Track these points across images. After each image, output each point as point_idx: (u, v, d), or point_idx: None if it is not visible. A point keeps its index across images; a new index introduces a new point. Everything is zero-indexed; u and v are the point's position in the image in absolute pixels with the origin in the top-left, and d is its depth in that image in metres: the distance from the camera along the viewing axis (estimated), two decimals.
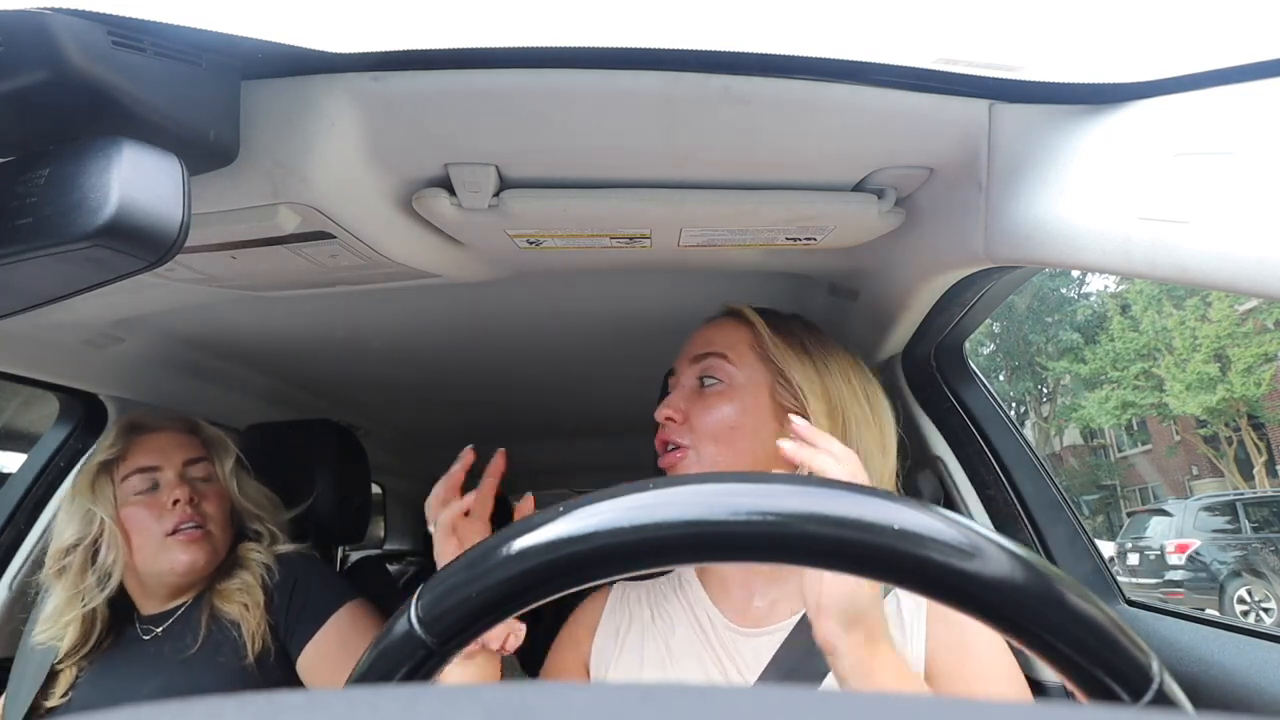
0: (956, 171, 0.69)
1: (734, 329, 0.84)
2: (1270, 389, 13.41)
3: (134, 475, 1.05)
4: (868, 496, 0.30)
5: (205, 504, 1.08)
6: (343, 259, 0.80)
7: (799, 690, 0.15)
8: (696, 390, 0.81)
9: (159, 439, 1.10)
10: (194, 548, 1.04)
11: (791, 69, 0.57)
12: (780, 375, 0.79)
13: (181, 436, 1.12)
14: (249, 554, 1.12)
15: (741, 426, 0.78)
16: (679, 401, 0.82)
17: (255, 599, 1.06)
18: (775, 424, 0.78)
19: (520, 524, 0.33)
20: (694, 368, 0.82)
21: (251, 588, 1.07)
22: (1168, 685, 0.29)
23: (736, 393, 0.79)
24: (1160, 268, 0.49)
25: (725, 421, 0.78)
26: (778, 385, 0.79)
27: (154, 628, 1.07)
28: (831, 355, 0.82)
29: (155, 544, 1.03)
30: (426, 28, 0.54)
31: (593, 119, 0.61)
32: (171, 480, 1.06)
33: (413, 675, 0.34)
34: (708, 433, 0.78)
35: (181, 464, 1.09)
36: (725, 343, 0.82)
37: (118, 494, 1.04)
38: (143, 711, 0.15)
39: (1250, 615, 7.95)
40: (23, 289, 0.50)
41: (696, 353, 0.83)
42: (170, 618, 1.07)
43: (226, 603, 1.06)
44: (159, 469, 1.07)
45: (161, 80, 0.47)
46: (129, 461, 1.06)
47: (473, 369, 1.54)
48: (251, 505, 1.16)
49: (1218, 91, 0.48)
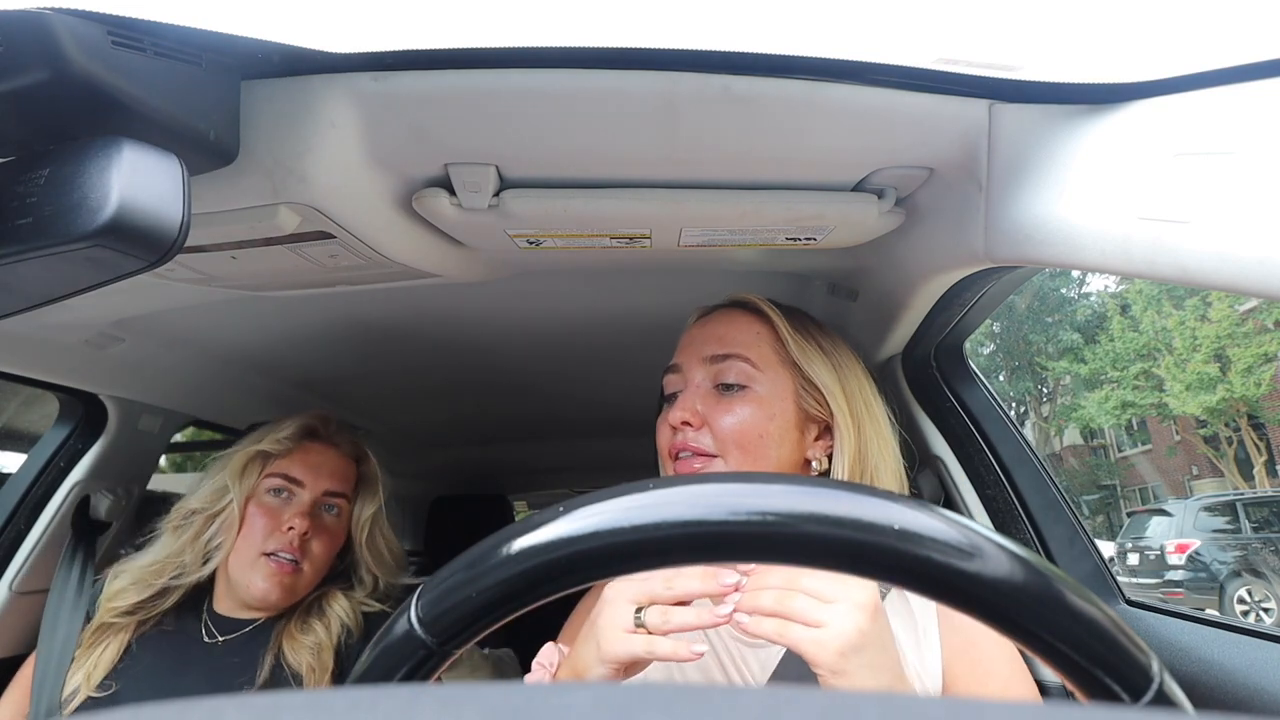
0: (956, 171, 0.69)
1: (749, 325, 0.80)
2: (1270, 389, 13.41)
3: (277, 478, 1.05)
4: (868, 496, 0.30)
5: (315, 542, 1.05)
6: (343, 259, 0.80)
7: (798, 691, 0.15)
8: (714, 393, 0.76)
9: (322, 455, 1.09)
10: (275, 580, 1.01)
11: (791, 69, 0.57)
12: (804, 379, 0.76)
13: (342, 463, 1.10)
14: (334, 606, 1.08)
15: (769, 434, 0.73)
16: (694, 404, 0.76)
17: (324, 663, 1.03)
18: (798, 431, 0.75)
19: (520, 524, 0.33)
20: (709, 368, 0.77)
21: (324, 649, 1.03)
22: (1168, 685, 0.29)
23: (762, 398, 0.75)
24: (1160, 268, 0.49)
25: (754, 429, 0.73)
26: (801, 390, 0.76)
27: (219, 634, 1.04)
28: (843, 354, 0.80)
29: (250, 554, 1.01)
30: (426, 28, 0.54)
31: (593, 119, 0.61)
32: (304, 504, 1.05)
33: (413, 675, 0.34)
34: (733, 440, 0.73)
35: (322, 492, 1.07)
36: (744, 342, 0.77)
37: (257, 486, 1.05)
38: (143, 712, 0.15)
39: (1250, 615, 7.95)
40: (23, 289, 0.50)
41: (713, 352, 0.78)
42: (236, 631, 1.04)
43: (296, 651, 1.02)
44: (301, 485, 1.06)
45: (161, 80, 0.47)
46: (282, 463, 1.06)
47: (473, 369, 1.54)
48: (372, 558, 1.13)
49: (1218, 91, 0.48)
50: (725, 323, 0.81)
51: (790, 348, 0.77)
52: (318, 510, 1.07)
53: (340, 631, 1.06)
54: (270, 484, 1.05)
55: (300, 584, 1.05)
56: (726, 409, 0.75)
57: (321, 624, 1.06)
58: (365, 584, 1.13)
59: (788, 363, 0.77)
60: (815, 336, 0.80)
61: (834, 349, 0.80)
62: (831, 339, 0.82)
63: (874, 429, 0.77)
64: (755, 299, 0.82)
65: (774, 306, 0.81)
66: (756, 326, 0.80)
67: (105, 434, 1.28)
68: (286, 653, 1.02)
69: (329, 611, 1.07)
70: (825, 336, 0.81)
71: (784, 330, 0.78)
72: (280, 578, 1.01)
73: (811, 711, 0.14)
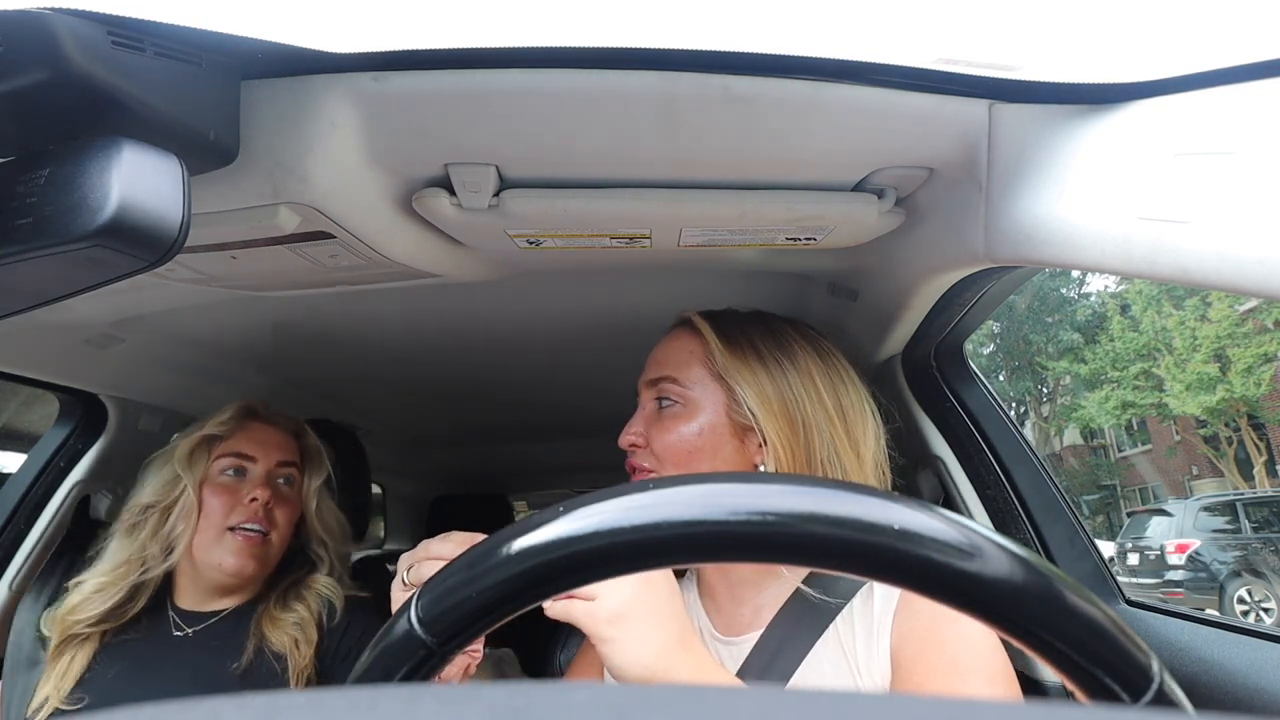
0: (956, 171, 0.69)
1: (686, 343, 0.82)
2: (1270, 389, 13.41)
3: (229, 457, 1.06)
4: (868, 496, 0.30)
5: (278, 511, 1.07)
6: (343, 259, 0.80)
7: (798, 691, 0.15)
8: (655, 413, 0.81)
9: (266, 431, 1.11)
10: (246, 553, 1.03)
11: (791, 69, 0.57)
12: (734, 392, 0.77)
13: (285, 438, 1.13)
14: (317, 585, 1.10)
15: (700, 449, 0.77)
16: (639, 426, 0.81)
17: (309, 636, 1.04)
18: (736, 440, 0.77)
19: (520, 524, 0.33)
20: (650, 391, 0.82)
21: (307, 624, 1.05)
22: (1168, 685, 0.29)
23: (693, 414, 0.78)
24: (1160, 268, 0.49)
25: (683, 445, 0.77)
26: (732, 403, 0.77)
27: (187, 627, 1.05)
28: (791, 358, 0.79)
29: (214, 533, 1.02)
30: (426, 28, 0.54)
31: (593, 119, 0.61)
32: (259, 476, 1.07)
33: (413, 675, 0.34)
34: (668, 457, 0.77)
35: (275, 464, 1.09)
36: (676, 363, 0.81)
37: (208, 469, 1.05)
38: (143, 712, 0.15)
39: (1250, 615, 7.96)
40: (23, 289, 0.50)
41: (652, 376, 0.82)
42: (206, 621, 1.05)
43: (278, 632, 1.04)
44: (254, 460, 1.07)
45: (161, 80, 0.47)
46: (230, 443, 1.07)
47: (473, 369, 1.54)
48: (322, 529, 1.15)
49: (1218, 91, 0.48)
50: (667, 345, 0.84)
51: (717, 362, 0.78)
52: (273, 481, 1.09)
53: (321, 607, 1.08)
54: (222, 464, 1.06)
55: (270, 554, 1.07)
56: (662, 428, 0.79)
57: (302, 603, 1.08)
58: (323, 561, 1.14)
59: (717, 377, 0.79)
60: (754, 343, 0.79)
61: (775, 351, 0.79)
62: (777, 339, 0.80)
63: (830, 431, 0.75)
64: (693, 316, 0.84)
65: (711, 321, 0.82)
66: (691, 345, 0.81)
67: (105, 434, 1.28)
68: (269, 635, 1.04)
69: (311, 590, 1.10)
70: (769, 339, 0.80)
71: (712, 343, 0.79)
72: (250, 549, 1.03)
73: (810, 711, 0.14)
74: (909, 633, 0.69)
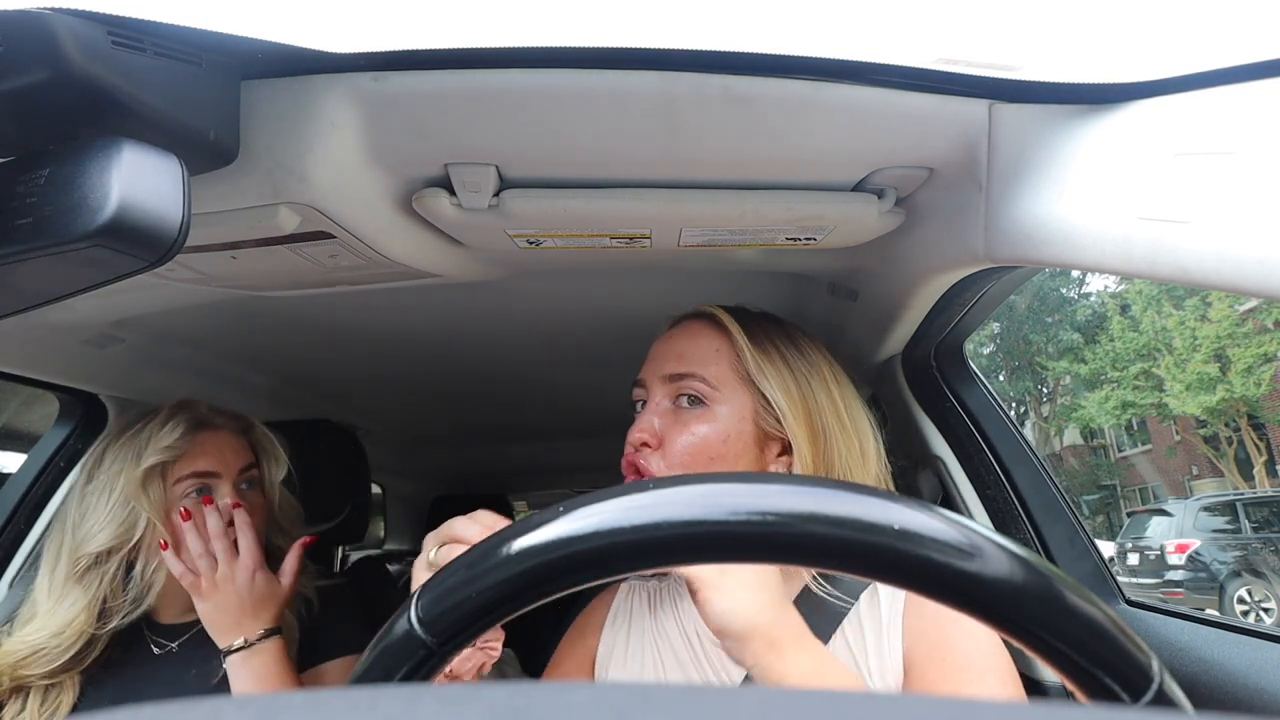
0: (956, 171, 0.69)
1: (708, 339, 0.78)
2: (1270, 389, 13.41)
3: (189, 479, 0.98)
4: (868, 496, 0.30)
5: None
6: (343, 259, 0.80)
7: (798, 691, 0.15)
8: (672, 411, 0.75)
9: (217, 440, 1.03)
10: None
11: (791, 69, 0.57)
12: (762, 398, 0.74)
13: (237, 440, 1.06)
14: None
15: (722, 456, 0.72)
16: (652, 422, 0.75)
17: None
18: (756, 450, 0.74)
19: (520, 524, 0.33)
20: (668, 387, 0.76)
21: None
22: (1168, 685, 0.29)
23: (718, 416, 0.73)
24: (1160, 268, 0.49)
25: (704, 449, 0.72)
26: (760, 409, 0.74)
27: (168, 642, 1.01)
28: (811, 364, 0.77)
29: None
30: (426, 28, 0.54)
31: (593, 119, 0.61)
32: (226, 491, 1.00)
33: (413, 675, 0.34)
34: (682, 460, 0.72)
35: (237, 472, 1.03)
36: (701, 359, 0.76)
37: (168, 496, 0.96)
38: (143, 712, 0.15)
39: (1250, 615, 7.95)
40: (23, 289, 0.50)
41: (672, 370, 0.76)
42: (186, 633, 1.02)
43: None
44: (216, 475, 1.00)
45: (161, 80, 0.47)
46: (185, 463, 0.98)
47: (473, 369, 1.54)
48: (283, 519, 1.11)
49: (1218, 91, 0.48)
50: (686, 338, 0.79)
51: (748, 364, 0.74)
52: (238, 489, 1.03)
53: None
54: (184, 488, 0.97)
55: None
56: (683, 427, 0.74)
57: None
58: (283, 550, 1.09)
59: (746, 380, 0.75)
60: (779, 347, 0.77)
61: (799, 357, 0.77)
62: (796, 344, 0.78)
63: (844, 441, 0.74)
64: (717, 311, 0.79)
65: (735, 318, 0.78)
66: (716, 342, 0.77)
67: None
68: None
69: None
70: (789, 343, 0.78)
71: (743, 345, 0.75)
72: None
73: (810, 711, 0.14)
74: (920, 634, 0.69)
